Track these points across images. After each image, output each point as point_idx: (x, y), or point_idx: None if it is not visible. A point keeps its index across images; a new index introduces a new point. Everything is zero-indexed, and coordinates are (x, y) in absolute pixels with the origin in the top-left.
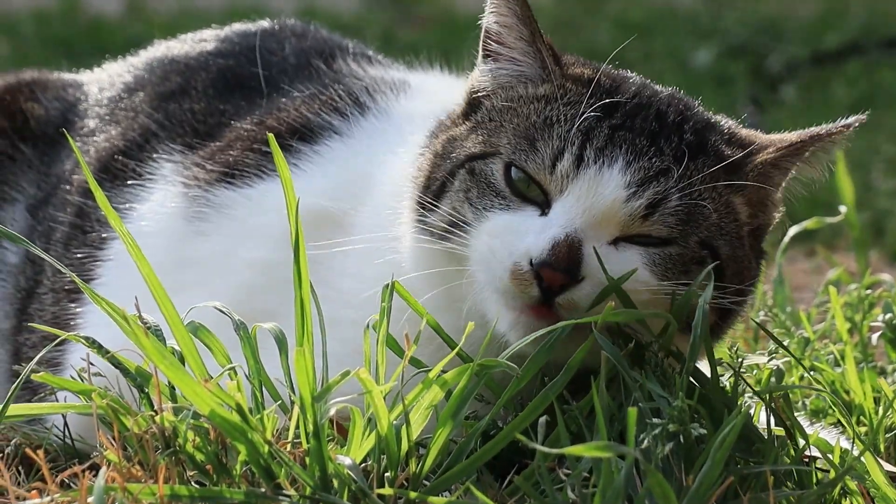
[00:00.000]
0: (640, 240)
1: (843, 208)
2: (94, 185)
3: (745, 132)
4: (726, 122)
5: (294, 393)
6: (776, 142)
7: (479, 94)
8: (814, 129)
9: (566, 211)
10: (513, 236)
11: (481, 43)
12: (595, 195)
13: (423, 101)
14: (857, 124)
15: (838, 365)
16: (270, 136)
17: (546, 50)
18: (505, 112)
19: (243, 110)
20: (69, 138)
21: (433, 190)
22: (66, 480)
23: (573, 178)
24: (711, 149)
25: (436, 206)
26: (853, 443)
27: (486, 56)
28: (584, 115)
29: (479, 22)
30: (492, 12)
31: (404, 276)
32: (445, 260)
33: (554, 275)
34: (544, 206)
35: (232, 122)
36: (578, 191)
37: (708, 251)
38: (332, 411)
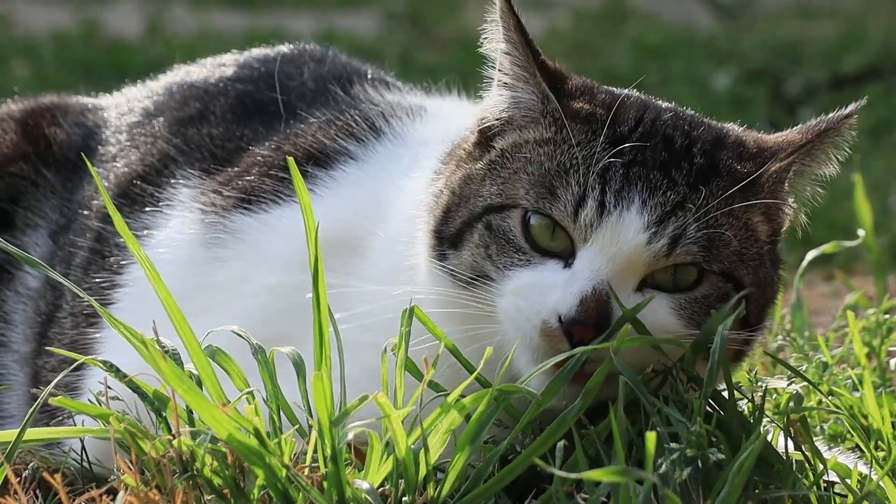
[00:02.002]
0: (665, 286)
1: (861, 232)
2: (112, 210)
3: (751, 141)
4: (732, 133)
5: (312, 417)
6: (784, 146)
7: (490, 128)
8: (819, 125)
9: (591, 262)
10: (538, 293)
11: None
12: (618, 242)
13: (440, 126)
14: (856, 112)
15: (856, 389)
16: (290, 160)
17: (545, 81)
18: (517, 159)
19: (261, 135)
20: (87, 163)
21: (451, 233)
22: None
23: (597, 226)
24: (724, 169)
25: (455, 250)
26: (871, 467)
27: (497, 84)
28: (601, 162)
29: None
30: (488, 39)
31: (421, 304)
32: (466, 305)
33: (585, 330)
34: (568, 255)
35: (250, 147)
36: (602, 239)
37: (732, 284)
38: (350, 435)
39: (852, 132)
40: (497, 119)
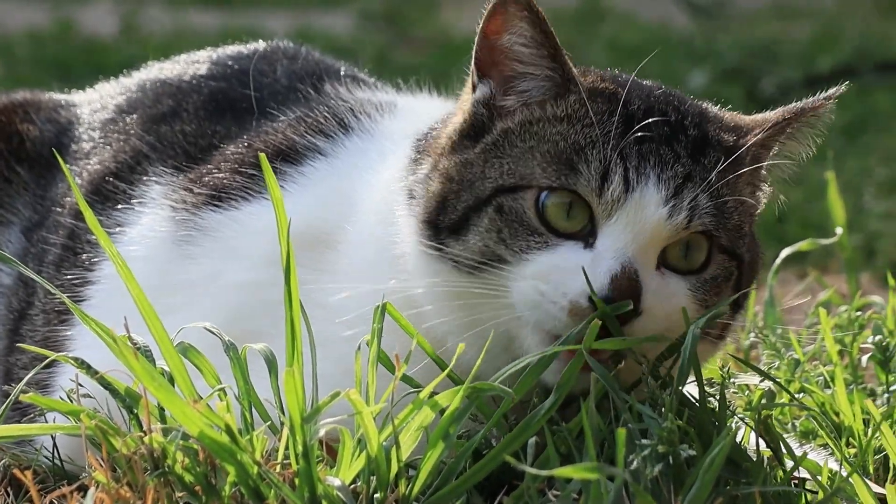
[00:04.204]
0: (678, 265)
1: (838, 230)
2: (84, 206)
3: (728, 116)
4: (710, 108)
5: (284, 414)
6: (761, 122)
7: (485, 113)
8: (797, 105)
9: (615, 240)
10: (562, 276)
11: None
12: (641, 219)
13: (410, 122)
14: (837, 95)
15: (828, 386)
16: (262, 157)
17: (566, 65)
18: (526, 138)
19: (234, 132)
20: (59, 160)
21: (452, 220)
22: (55, 502)
23: (623, 202)
24: (714, 140)
25: (458, 237)
26: (841, 464)
27: (487, 74)
28: (624, 139)
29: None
30: (510, 31)
31: (410, 292)
32: (470, 292)
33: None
34: (587, 235)
35: (222, 144)
36: (626, 216)
37: (735, 262)
38: (322, 432)
39: (830, 116)
40: (500, 102)
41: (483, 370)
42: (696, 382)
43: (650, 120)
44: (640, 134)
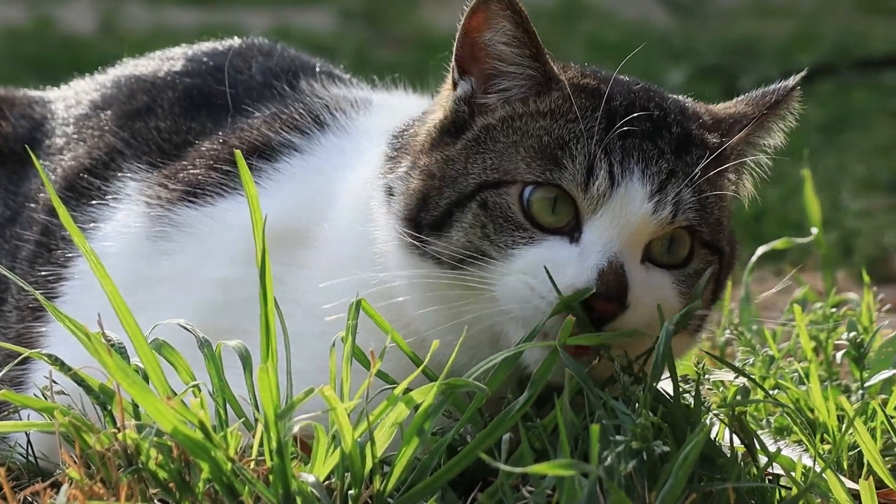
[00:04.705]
0: (662, 259)
1: (814, 230)
2: (57, 203)
3: (705, 113)
4: (689, 104)
5: (258, 410)
6: (740, 117)
7: (466, 110)
8: (768, 98)
9: (601, 234)
10: (552, 270)
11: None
12: (627, 213)
13: (385, 119)
14: (799, 84)
15: (803, 383)
16: (238, 153)
17: (547, 63)
18: (509, 133)
19: (209, 129)
20: (32, 155)
21: (434, 216)
22: (29, 498)
23: (608, 197)
24: (696, 138)
25: (439, 233)
26: (815, 460)
27: (468, 71)
28: (609, 135)
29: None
30: (492, 29)
31: (387, 286)
32: (452, 286)
33: (607, 305)
34: (572, 230)
35: (197, 140)
36: (612, 211)
37: (717, 255)
38: (296, 429)
39: (797, 104)
40: (480, 99)
41: (468, 366)
42: (670, 378)
43: (634, 115)
44: (623, 129)
